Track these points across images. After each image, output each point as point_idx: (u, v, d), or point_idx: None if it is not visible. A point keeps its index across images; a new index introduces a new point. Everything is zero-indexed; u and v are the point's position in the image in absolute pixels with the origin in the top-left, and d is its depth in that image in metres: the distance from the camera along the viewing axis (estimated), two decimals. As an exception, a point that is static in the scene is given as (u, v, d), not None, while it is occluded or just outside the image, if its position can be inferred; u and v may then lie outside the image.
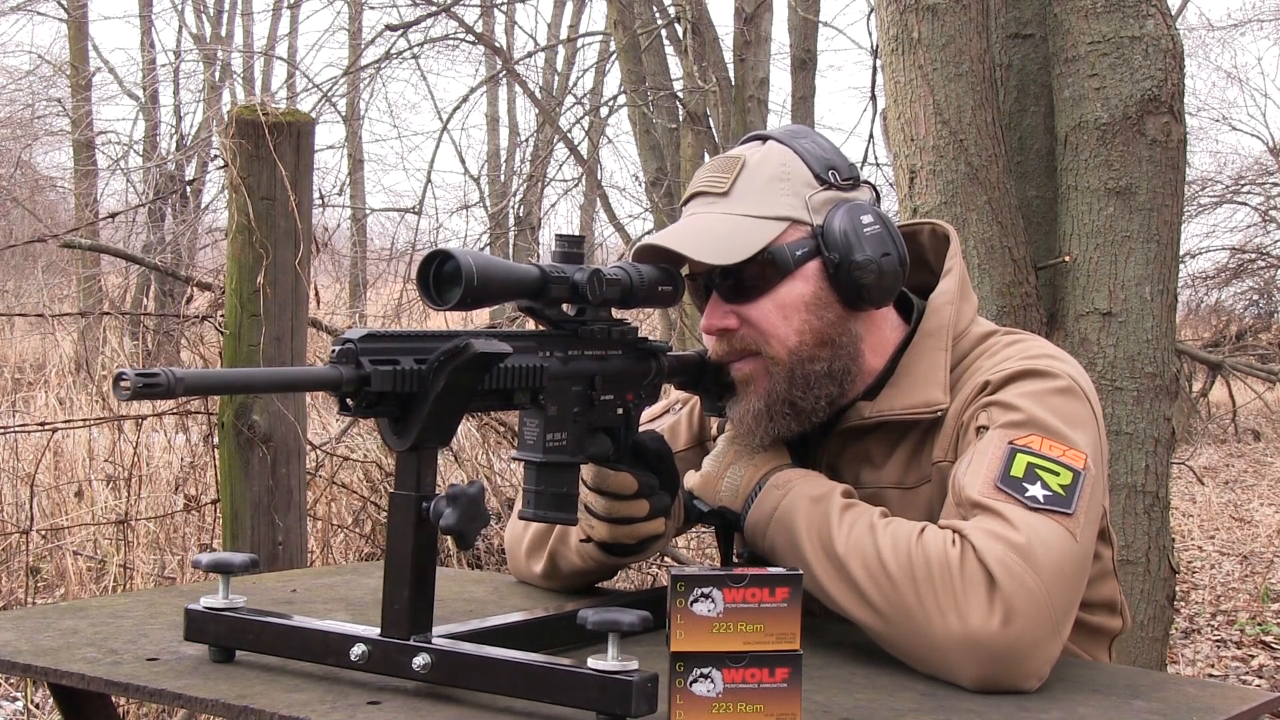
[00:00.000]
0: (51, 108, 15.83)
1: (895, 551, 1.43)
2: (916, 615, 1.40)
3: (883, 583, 1.43)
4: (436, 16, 10.11)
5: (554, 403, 1.39)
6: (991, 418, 1.54)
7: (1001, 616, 1.36)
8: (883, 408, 1.63)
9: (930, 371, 1.63)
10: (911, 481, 1.63)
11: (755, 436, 1.62)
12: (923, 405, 1.61)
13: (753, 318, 1.60)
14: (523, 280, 1.36)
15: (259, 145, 2.92)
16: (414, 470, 1.25)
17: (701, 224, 1.60)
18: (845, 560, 1.46)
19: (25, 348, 9.28)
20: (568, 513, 1.42)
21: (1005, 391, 1.56)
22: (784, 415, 1.60)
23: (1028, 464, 1.47)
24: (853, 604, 1.46)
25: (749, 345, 1.61)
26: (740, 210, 1.60)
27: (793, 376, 1.60)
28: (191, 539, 4.36)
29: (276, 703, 1.20)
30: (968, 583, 1.38)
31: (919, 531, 1.45)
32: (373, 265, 13.24)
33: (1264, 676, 4.50)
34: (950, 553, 1.40)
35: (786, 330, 1.60)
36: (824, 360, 1.60)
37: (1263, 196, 14.86)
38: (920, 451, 1.63)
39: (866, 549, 1.46)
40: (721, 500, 1.62)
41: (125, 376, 1.05)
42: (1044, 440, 1.50)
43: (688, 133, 10.20)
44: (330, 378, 1.18)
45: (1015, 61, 3.08)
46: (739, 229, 1.58)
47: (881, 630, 1.44)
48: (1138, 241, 2.85)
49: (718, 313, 1.61)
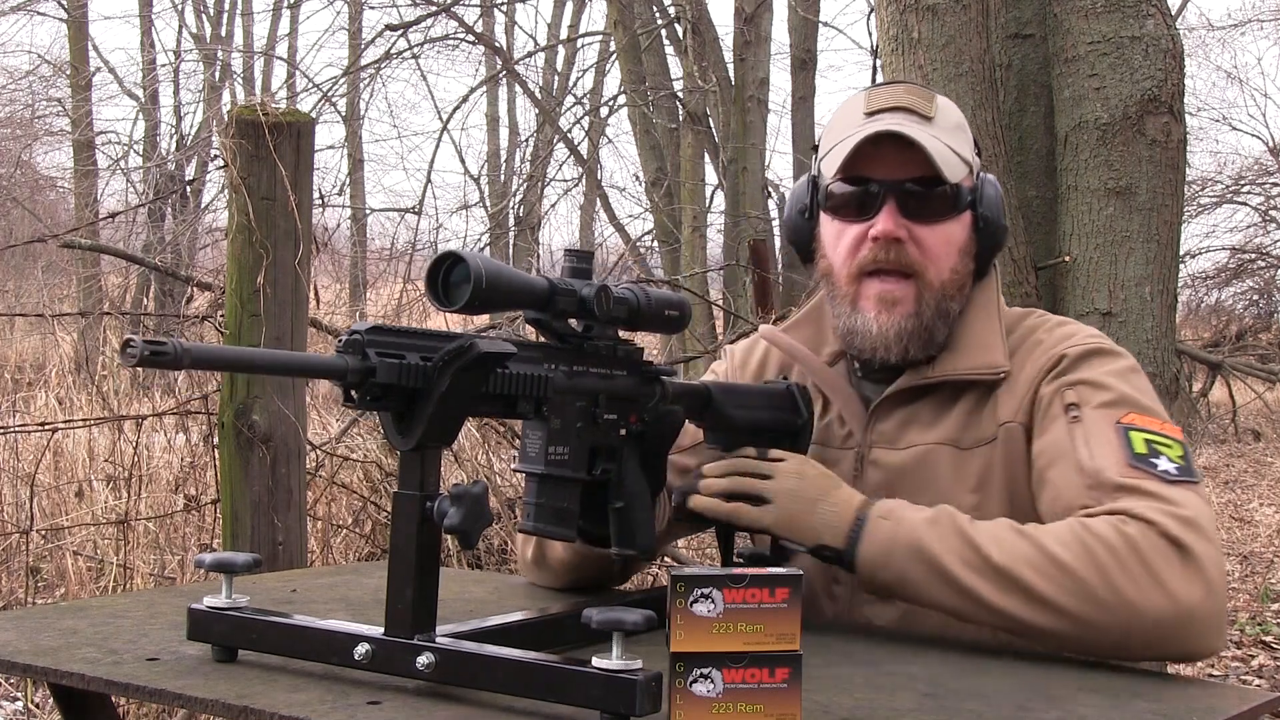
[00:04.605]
0: (51, 108, 15.85)
1: (1067, 546, 1.42)
2: (1114, 605, 1.40)
3: (1064, 582, 1.41)
4: (436, 16, 10.12)
5: (557, 416, 1.39)
6: (1082, 396, 1.59)
7: (1203, 587, 1.39)
8: (945, 369, 1.68)
9: (988, 337, 1.69)
10: (969, 442, 1.66)
11: (892, 353, 1.67)
12: (985, 367, 1.67)
13: (924, 239, 1.66)
14: (531, 290, 1.36)
15: (259, 145, 2.92)
16: (418, 470, 1.25)
17: (922, 134, 1.64)
18: (1011, 569, 1.43)
19: (25, 348, 9.28)
20: (567, 528, 1.41)
21: (1086, 370, 1.61)
22: (920, 341, 1.67)
23: (1145, 440, 1.53)
24: (1032, 612, 1.43)
25: (907, 263, 1.66)
26: (944, 139, 1.67)
27: (938, 307, 1.67)
28: (191, 539, 4.36)
29: (277, 703, 1.20)
30: (1162, 559, 1.40)
31: (1079, 523, 1.45)
32: (373, 265, 13.26)
33: (1264, 676, 4.50)
34: (1129, 533, 1.42)
35: (945, 262, 1.67)
36: (956, 303, 1.69)
37: (1263, 196, 14.87)
38: (979, 413, 1.67)
39: (1030, 553, 1.43)
40: (822, 539, 1.55)
41: (133, 343, 1.05)
42: (1143, 417, 1.56)
43: (688, 133, 10.21)
44: (336, 366, 1.18)
45: (1015, 61, 3.08)
46: (947, 154, 1.65)
47: (1069, 631, 1.42)
48: (1138, 241, 2.86)
49: (894, 221, 1.65)
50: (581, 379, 1.42)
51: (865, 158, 1.65)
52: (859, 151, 1.64)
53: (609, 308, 1.41)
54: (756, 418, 1.65)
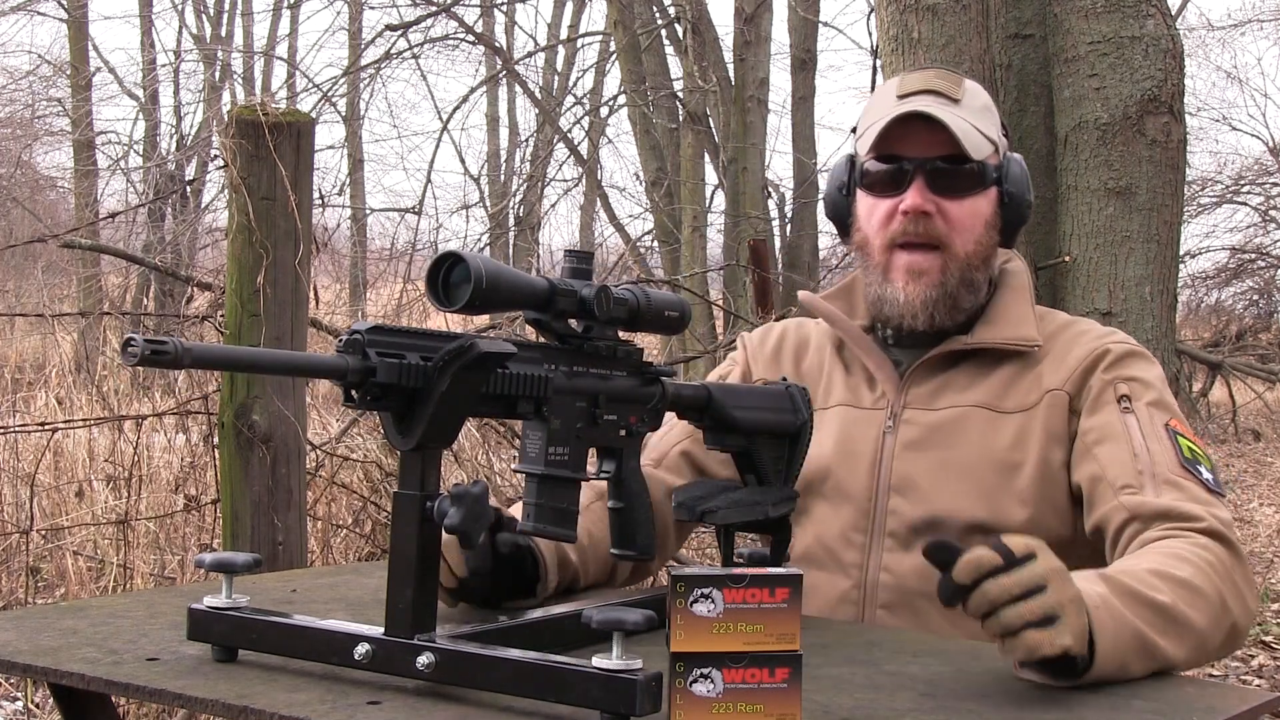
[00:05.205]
0: (51, 108, 15.85)
1: (1198, 569, 1.49)
2: (1222, 615, 1.49)
3: (1202, 608, 1.47)
4: (436, 16, 10.12)
5: (557, 416, 1.39)
6: (1134, 391, 1.71)
7: (1252, 590, 1.53)
8: (983, 338, 1.79)
9: (1023, 314, 1.81)
10: (1010, 406, 1.76)
11: (919, 320, 1.78)
12: (1022, 339, 1.78)
13: (951, 213, 1.77)
14: (531, 290, 1.36)
15: (259, 145, 2.92)
16: (418, 470, 1.25)
17: (949, 115, 1.75)
18: (1176, 612, 1.44)
19: (25, 348, 9.28)
20: (567, 529, 1.41)
21: (1133, 367, 1.74)
22: (948, 308, 1.78)
23: (1189, 448, 1.66)
24: (1190, 648, 1.45)
25: (934, 236, 1.77)
26: (970, 119, 1.77)
27: (963, 276, 1.78)
28: (191, 539, 4.36)
29: (276, 703, 1.20)
30: (1240, 571, 1.53)
31: (1190, 543, 1.53)
32: (373, 265, 13.26)
33: (1264, 676, 4.50)
34: (1214, 546, 1.53)
35: (970, 234, 1.78)
36: (981, 273, 1.80)
37: (1263, 196, 14.87)
38: (1020, 381, 1.77)
39: (1178, 588, 1.46)
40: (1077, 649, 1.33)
41: (134, 342, 1.05)
42: (1183, 425, 1.69)
43: (688, 133, 10.21)
44: (336, 366, 1.18)
45: (1015, 61, 3.08)
46: (972, 133, 1.76)
47: (1193, 656, 1.47)
48: (1138, 241, 2.86)
49: (922, 195, 1.76)
50: (581, 379, 1.42)
51: (896, 137, 1.76)
52: (890, 131, 1.75)
53: (609, 308, 1.41)
54: (756, 418, 1.65)
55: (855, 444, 1.81)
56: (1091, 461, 1.67)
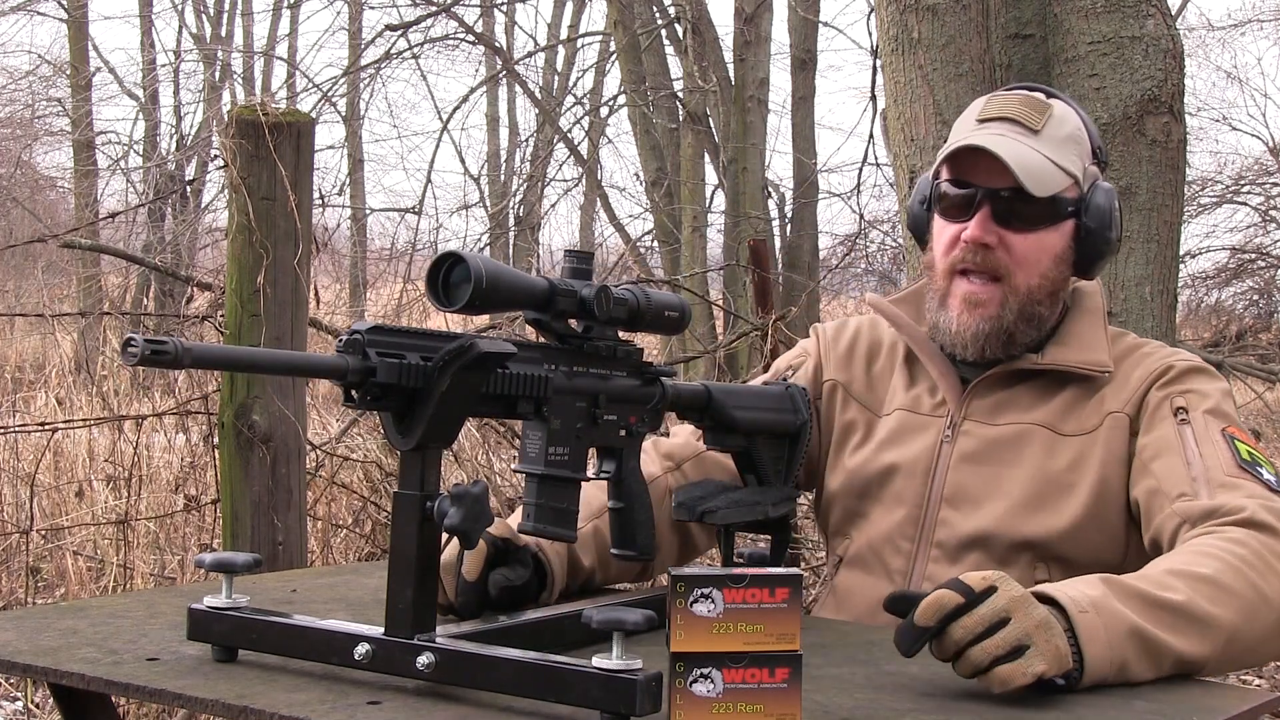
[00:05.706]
0: (51, 108, 15.84)
1: (1226, 564, 1.46)
2: (1260, 608, 1.46)
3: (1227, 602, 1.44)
4: (436, 16, 10.12)
5: (557, 416, 1.39)
6: (1190, 402, 1.70)
7: None
8: (1055, 359, 1.77)
9: (1096, 338, 1.80)
10: (1070, 430, 1.74)
11: (969, 351, 1.77)
12: (1094, 364, 1.76)
13: (1015, 246, 1.74)
14: (531, 290, 1.36)
15: (259, 145, 2.92)
16: (418, 470, 1.25)
17: (1017, 148, 1.72)
18: (1193, 609, 1.42)
19: (25, 348, 9.28)
20: (567, 529, 1.41)
21: (1193, 381, 1.73)
22: (999, 343, 1.76)
23: (1248, 451, 1.65)
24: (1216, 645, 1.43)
25: (995, 268, 1.75)
26: (1046, 151, 1.74)
27: (1023, 310, 1.75)
28: (191, 539, 4.36)
29: (276, 703, 1.20)
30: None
31: (1222, 538, 1.51)
32: (373, 265, 13.25)
33: (1264, 676, 4.50)
34: (1254, 538, 1.50)
35: (1034, 269, 1.75)
36: (1045, 307, 1.78)
37: (1263, 196, 14.86)
38: (1082, 405, 1.75)
39: (1198, 584, 1.43)
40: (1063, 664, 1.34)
41: (134, 342, 1.05)
42: (1242, 433, 1.68)
43: (688, 133, 10.20)
44: (336, 366, 1.18)
45: (1015, 61, 3.08)
46: (1046, 168, 1.73)
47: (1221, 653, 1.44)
48: (1138, 241, 2.85)
49: (984, 227, 1.74)
50: (581, 379, 1.42)
51: (967, 163, 1.75)
52: (960, 156, 1.74)
53: (609, 308, 1.41)
54: (756, 418, 1.66)
55: (912, 450, 1.81)
56: (1149, 477, 1.66)
